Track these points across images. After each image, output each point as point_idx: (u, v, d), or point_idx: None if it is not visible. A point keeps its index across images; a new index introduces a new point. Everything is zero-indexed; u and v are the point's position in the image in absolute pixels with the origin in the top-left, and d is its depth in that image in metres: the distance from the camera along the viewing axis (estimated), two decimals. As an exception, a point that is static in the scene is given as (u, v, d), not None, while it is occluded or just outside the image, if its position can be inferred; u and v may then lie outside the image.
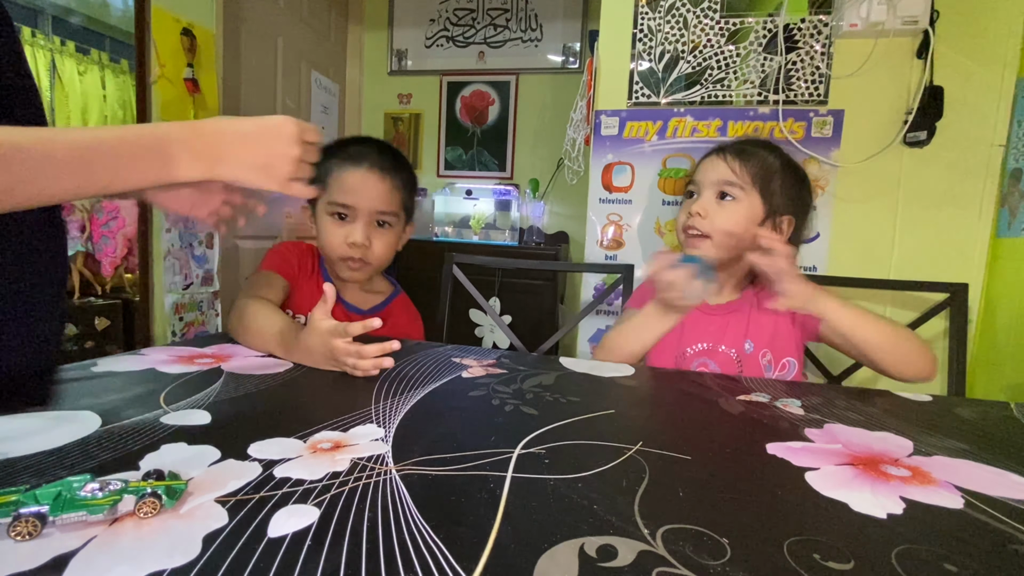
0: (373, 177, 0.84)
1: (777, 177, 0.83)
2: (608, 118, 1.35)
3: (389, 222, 0.87)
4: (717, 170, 0.84)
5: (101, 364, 0.58)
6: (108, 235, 2.21)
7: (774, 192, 0.83)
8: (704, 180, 0.86)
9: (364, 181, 0.84)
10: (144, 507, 0.29)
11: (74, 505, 0.28)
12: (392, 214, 0.87)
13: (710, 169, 0.86)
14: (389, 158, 0.87)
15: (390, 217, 0.87)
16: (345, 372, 0.60)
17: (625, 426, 0.47)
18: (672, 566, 0.26)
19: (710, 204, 0.83)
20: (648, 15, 1.31)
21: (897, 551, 0.29)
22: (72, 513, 0.28)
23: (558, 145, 1.68)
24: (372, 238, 0.85)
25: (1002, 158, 1.18)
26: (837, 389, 0.64)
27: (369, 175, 0.84)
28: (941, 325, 1.13)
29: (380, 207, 0.85)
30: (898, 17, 1.13)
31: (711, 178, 0.85)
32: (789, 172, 0.85)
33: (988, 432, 0.50)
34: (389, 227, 0.87)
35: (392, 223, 0.87)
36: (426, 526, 0.29)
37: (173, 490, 0.31)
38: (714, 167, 0.85)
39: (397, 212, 0.87)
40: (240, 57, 2.18)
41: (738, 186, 0.82)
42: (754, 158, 0.84)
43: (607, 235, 1.38)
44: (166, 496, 0.30)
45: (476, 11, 2.79)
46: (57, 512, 0.28)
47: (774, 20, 1.24)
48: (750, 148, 0.85)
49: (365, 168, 0.84)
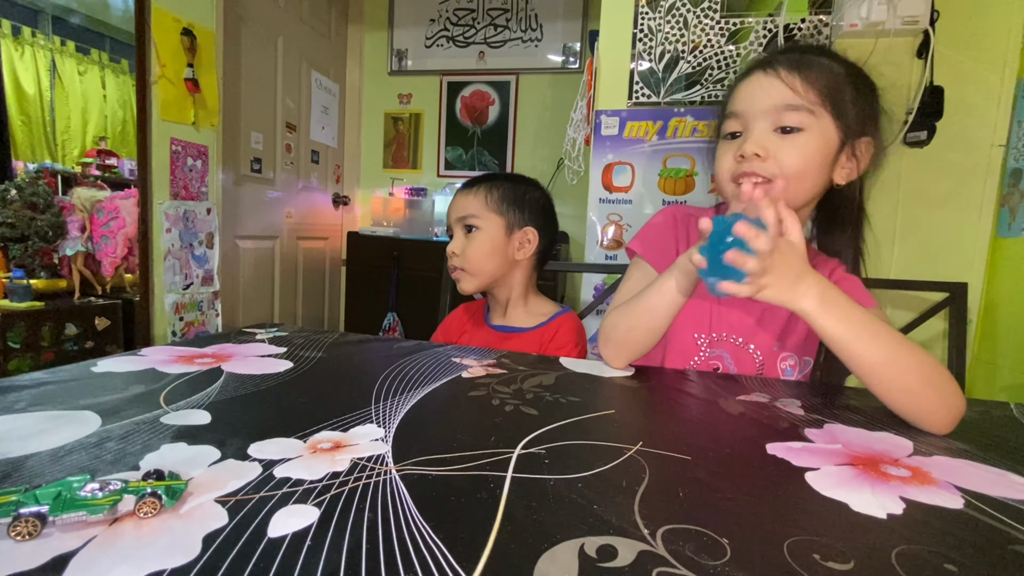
0: (458, 195, 0.94)
1: (848, 88, 0.63)
2: (608, 118, 1.35)
3: (474, 225, 0.90)
4: (771, 93, 0.63)
5: (101, 364, 0.58)
6: (108, 235, 2.21)
7: (847, 110, 0.63)
8: (753, 109, 0.64)
9: (451, 201, 0.95)
10: (144, 507, 0.29)
11: (74, 505, 0.28)
12: (472, 216, 0.90)
13: (760, 93, 0.64)
14: (485, 178, 0.94)
15: (472, 220, 0.90)
16: (343, 370, 0.60)
17: (625, 426, 0.47)
18: (672, 566, 0.26)
19: (769, 139, 0.62)
20: (648, 15, 1.31)
21: (897, 551, 0.29)
22: (72, 513, 0.28)
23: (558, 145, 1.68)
24: (464, 244, 0.90)
25: (1002, 158, 1.18)
26: (837, 389, 0.64)
27: (456, 195, 0.95)
28: (941, 325, 1.13)
29: (459, 214, 0.91)
30: (898, 17, 1.13)
31: (764, 104, 0.63)
32: (859, 79, 0.65)
33: (988, 432, 0.50)
34: (477, 230, 0.90)
35: (478, 226, 0.90)
36: (426, 526, 0.29)
37: (173, 490, 0.30)
38: (766, 89, 0.63)
39: (476, 214, 0.90)
40: (240, 57, 2.18)
41: (805, 110, 0.62)
42: (818, 68, 0.63)
43: (607, 235, 1.38)
44: (166, 496, 0.30)
45: (476, 11, 2.79)
46: (57, 512, 0.28)
47: (774, 20, 1.24)
48: (809, 57, 0.65)
49: (463, 189, 0.95)
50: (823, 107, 0.62)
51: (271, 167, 2.44)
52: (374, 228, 2.64)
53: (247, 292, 2.34)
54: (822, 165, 0.63)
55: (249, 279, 2.34)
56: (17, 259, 2.08)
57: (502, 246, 0.90)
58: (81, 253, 2.23)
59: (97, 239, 2.22)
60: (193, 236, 1.96)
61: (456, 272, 0.92)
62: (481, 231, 0.90)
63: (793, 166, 0.61)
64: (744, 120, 0.65)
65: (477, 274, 0.90)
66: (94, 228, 2.22)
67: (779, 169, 0.62)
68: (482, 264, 0.90)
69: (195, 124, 1.92)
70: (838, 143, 0.63)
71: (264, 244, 2.45)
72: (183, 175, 1.91)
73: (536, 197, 0.93)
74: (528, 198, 0.92)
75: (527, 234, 0.91)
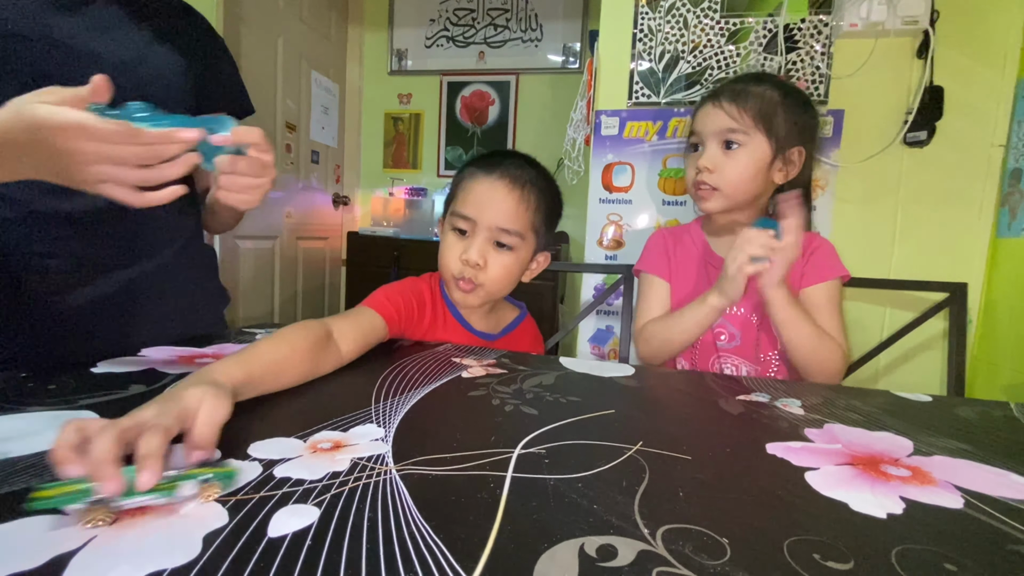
0: (501, 189, 0.75)
1: (779, 110, 0.81)
2: (608, 118, 1.35)
3: (510, 244, 0.76)
4: (716, 119, 0.83)
5: (101, 364, 0.58)
6: (108, 235, 2.21)
7: (778, 128, 0.80)
8: (705, 131, 0.84)
9: (491, 191, 0.75)
10: (208, 490, 0.31)
11: (139, 492, 0.29)
12: (516, 234, 0.75)
13: (708, 119, 0.84)
14: (528, 171, 0.77)
15: (513, 237, 0.75)
16: (343, 369, 0.60)
17: (625, 426, 0.47)
18: (672, 566, 0.26)
19: (717, 156, 0.82)
20: (648, 15, 1.31)
21: (897, 551, 0.29)
22: (142, 497, 0.29)
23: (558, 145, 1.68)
24: (488, 258, 0.75)
25: (1002, 158, 1.18)
26: (837, 389, 0.64)
27: (497, 184, 0.75)
28: (941, 325, 1.13)
29: (501, 223, 0.74)
30: (898, 17, 1.13)
31: (711, 128, 0.83)
32: (790, 100, 0.82)
33: (988, 432, 0.50)
34: (510, 250, 0.76)
35: (515, 245, 0.76)
36: (426, 526, 0.29)
37: (226, 474, 0.33)
38: (712, 116, 0.83)
39: (522, 233, 0.76)
40: (240, 57, 2.17)
41: (741, 131, 0.81)
42: (751, 97, 0.81)
43: (607, 235, 1.38)
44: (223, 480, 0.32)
45: (476, 11, 2.79)
46: (129, 496, 0.29)
47: (774, 20, 1.24)
48: (745, 87, 0.83)
49: (495, 177, 0.75)
50: (756, 128, 0.81)
51: (271, 167, 2.44)
52: (374, 228, 2.64)
53: (247, 292, 2.34)
54: (757, 172, 0.82)
55: (249, 279, 2.34)
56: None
57: (524, 268, 0.80)
58: (81, 253, 2.22)
59: (97, 239, 2.22)
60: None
61: (468, 285, 0.76)
62: (516, 252, 0.77)
63: (732, 177, 0.82)
64: (700, 138, 0.86)
65: (492, 295, 0.79)
66: (94, 228, 2.22)
67: (722, 180, 0.82)
68: (503, 288, 0.78)
69: (195, 124, 1.92)
70: (771, 154, 0.82)
71: (264, 244, 2.45)
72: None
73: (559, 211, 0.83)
74: (557, 218, 0.82)
75: (541, 257, 0.83)
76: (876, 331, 1.24)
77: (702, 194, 0.84)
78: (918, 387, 0.97)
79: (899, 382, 1.25)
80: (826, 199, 1.26)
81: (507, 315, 0.89)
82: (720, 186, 0.82)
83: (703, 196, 0.85)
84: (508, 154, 0.80)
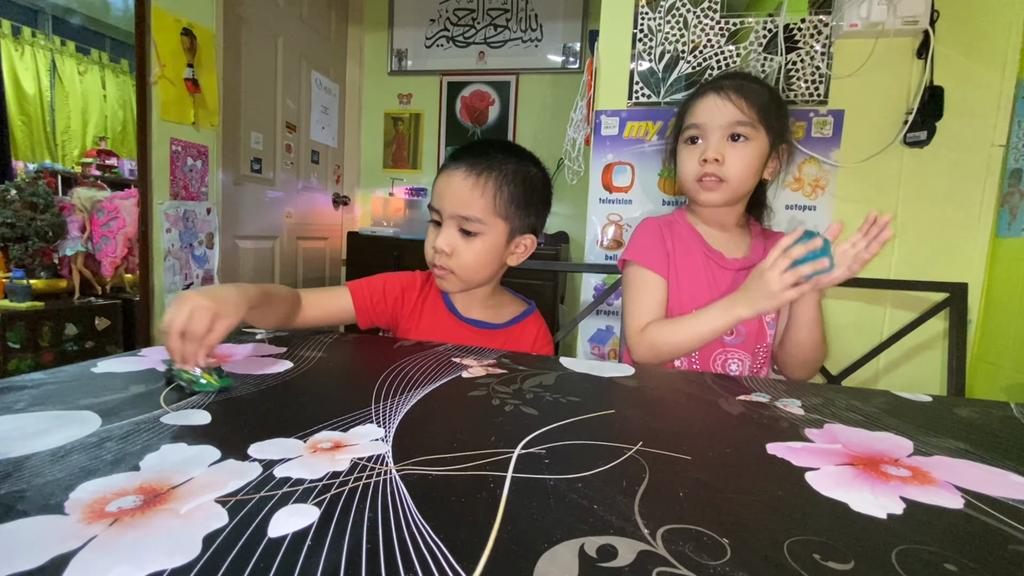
0: (457, 177, 0.76)
1: (773, 108, 0.83)
2: (608, 118, 1.35)
3: (473, 230, 0.77)
4: (724, 112, 0.82)
5: (101, 364, 0.58)
6: (108, 235, 2.21)
7: (773, 124, 0.83)
8: (711, 123, 0.83)
9: (448, 181, 0.77)
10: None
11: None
12: (476, 220, 0.77)
13: (717, 111, 0.82)
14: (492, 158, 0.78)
15: (474, 224, 0.77)
16: (343, 369, 0.60)
17: (625, 426, 0.47)
18: (672, 566, 0.26)
19: (724, 147, 0.82)
20: (648, 15, 1.31)
21: (897, 551, 0.29)
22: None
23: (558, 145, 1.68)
24: (457, 245, 0.78)
25: (1002, 158, 1.18)
26: (837, 389, 0.64)
27: (454, 175, 0.77)
28: (941, 325, 1.13)
29: (459, 210, 0.76)
30: (898, 17, 1.13)
31: (719, 121, 0.82)
32: (777, 99, 0.85)
33: (988, 432, 0.50)
34: (476, 236, 0.78)
35: (479, 231, 0.77)
36: (426, 526, 0.29)
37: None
38: (721, 109, 0.82)
39: (482, 219, 0.77)
40: (240, 57, 2.18)
41: (748, 124, 0.81)
42: (754, 93, 0.82)
43: (607, 235, 1.38)
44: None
45: (476, 11, 2.79)
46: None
47: (774, 20, 1.24)
48: (747, 83, 0.84)
49: (453, 167, 0.78)
50: (760, 122, 0.81)
51: (271, 167, 2.44)
52: (374, 228, 2.64)
53: (247, 292, 2.34)
54: (759, 167, 0.84)
55: (249, 279, 2.34)
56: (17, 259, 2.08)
57: (500, 253, 0.81)
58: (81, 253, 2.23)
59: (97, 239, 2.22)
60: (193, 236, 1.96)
61: (441, 271, 0.80)
62: (483, 237, 0.78)
63: (739, 169, 0.82)
64: (703, 131, 0.84)
65: (468, 280, 0.81)
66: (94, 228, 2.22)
67: (731, 172, 0.82)
68: (476, 272, 0.80)
69: (195, 124, 1.92)
70: (768, 149, 0.83)
71: (264, 244, 2.45)
72: (183, 175, 1.91)
73: (541, 194, 0.84)
74: (535, 198, 0.82)
75: (526, 240, 0.83)
76: (876, 331, 1.24)
77: (709, 185, 0.83)
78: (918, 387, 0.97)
79: (899, 382, 1.25)
80: (826, 199, 1.26)
81: (513, 308, 0.90)
82: (728, 177, 0.82)
83: (709, 187, 0.83)
84: (481, 143, 0.82)
